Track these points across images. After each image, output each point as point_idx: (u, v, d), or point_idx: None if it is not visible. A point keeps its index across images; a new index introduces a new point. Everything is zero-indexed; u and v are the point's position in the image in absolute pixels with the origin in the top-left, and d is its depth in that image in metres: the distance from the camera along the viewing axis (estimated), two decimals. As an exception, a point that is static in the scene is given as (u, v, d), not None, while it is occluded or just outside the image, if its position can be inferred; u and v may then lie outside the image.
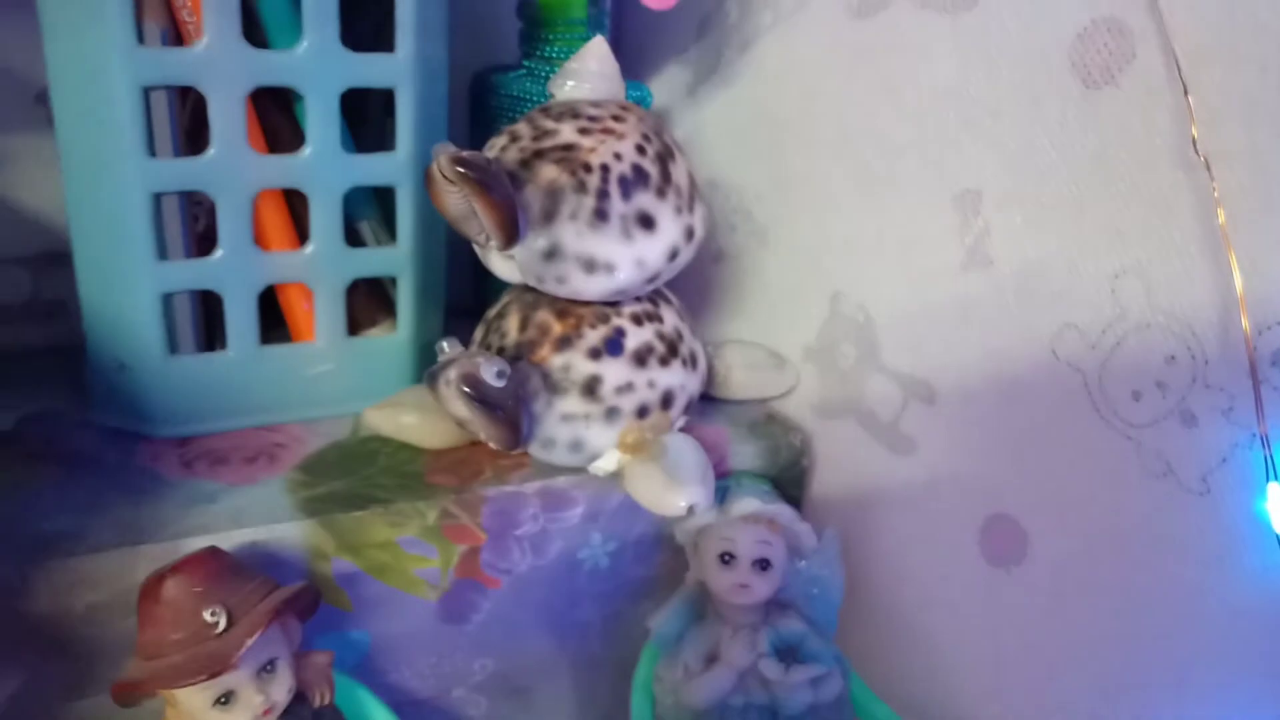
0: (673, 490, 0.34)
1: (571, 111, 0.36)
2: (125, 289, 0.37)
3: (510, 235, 0.33)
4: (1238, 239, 0.27)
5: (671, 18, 0.47)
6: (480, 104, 0.49)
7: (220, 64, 0.35)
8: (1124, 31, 0.29)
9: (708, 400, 0.43)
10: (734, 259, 0.48)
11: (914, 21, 0.36)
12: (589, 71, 0.37)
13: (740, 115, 0.46)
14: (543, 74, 0.46)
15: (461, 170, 0.31)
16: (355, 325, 0.41)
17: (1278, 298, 0.26)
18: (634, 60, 0.53)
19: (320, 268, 0.39)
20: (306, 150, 0.37)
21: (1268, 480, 0.26)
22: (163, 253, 0.37)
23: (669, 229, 0.35)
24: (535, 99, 0.45)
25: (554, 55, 0.45)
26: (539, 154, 0.34)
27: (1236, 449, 0.27)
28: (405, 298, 0.41)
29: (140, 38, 0.34)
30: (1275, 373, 0.26)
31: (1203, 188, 0.27)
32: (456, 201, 0.33)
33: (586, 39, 0.45)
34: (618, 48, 0.54)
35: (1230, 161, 0.27)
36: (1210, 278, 0.27)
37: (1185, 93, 0.27)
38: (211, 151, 0.36)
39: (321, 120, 0.37)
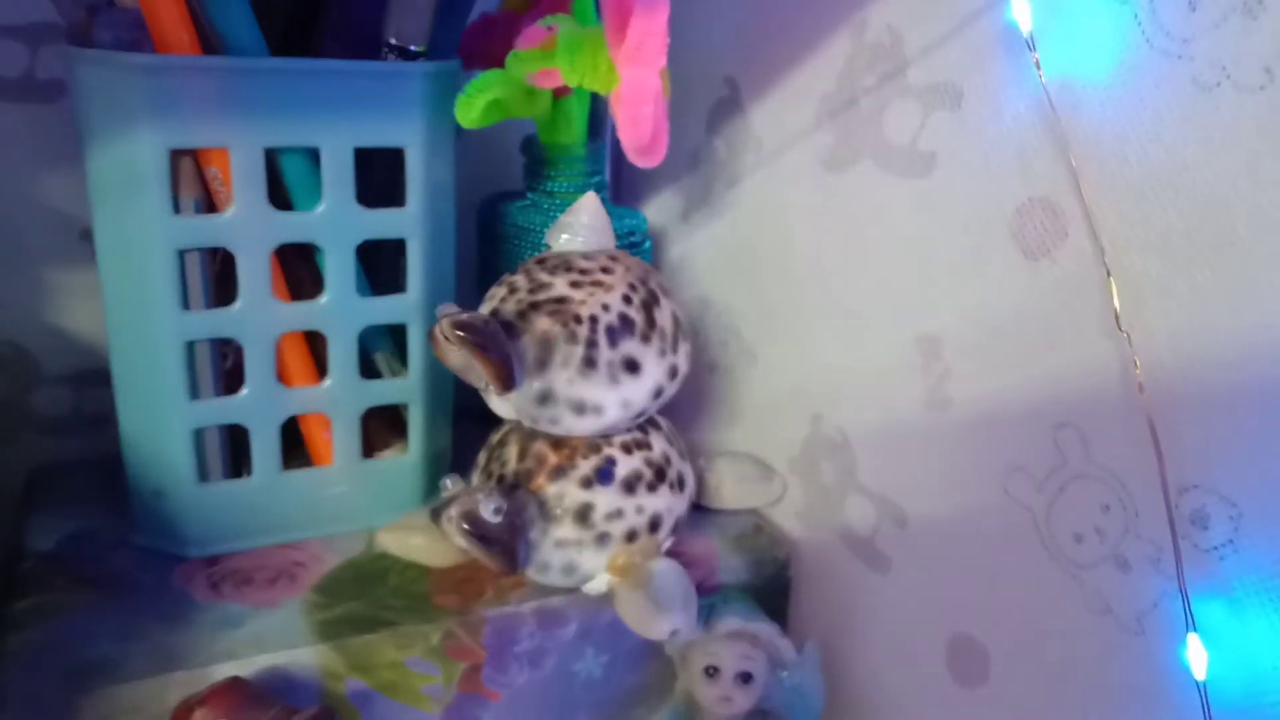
0: (657, 617, 0.37)
1: (565, 264, 0.39)
2: (161, 424, 0.40)
3: (506, 386, 0.36)
4: (1157, 409, 0.29)
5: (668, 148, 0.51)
6: (488, 229, 0.52)
7: (248, 227, 0.39)
8: (1056, 212, 0.32)
9: (700, 510, 0.46)
10: (726, 372, 0.51)
11: (877, 180, 0.39)
12: (581, 225, 0.40)
13: (727, 243, 0.50)
14: (545, 206, 0.49)
15: (461, 334, 0.35)
16: (369, 448, 0.45)
17: (1196, 463, 0.29)
18: (632, 186, 0.57)
19: (338, 399, 0.43)
20: (325, 298, 0.41)
21: (1187, 630, 0.28)
22: (195, 392, 0.40)
23: (653, 371, 0.39)
24: (538, 229, 0.49)
25: (556, 190, 0.49)
26: (534, 306, 0.38)
27: (1164, 597, 0.30)
28: (416, 422, 0.45)
29: (176, 208, 0.38)
30: (1195, 530, 0.29)
31: (1128, 358, 0.30)
32: (458, 357, 0.36)
33: (586, 175, 0.49)
34: (617, 175, 0.58)
35: (1151, 338, 0.30)
36: (1136, 439, 0.30)
37: (1108, 274, 0.30)
38: (239, 304, 0.39)
39: (339, 270, 0.41)
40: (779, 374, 0.47)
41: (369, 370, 0.44)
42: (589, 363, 0.37)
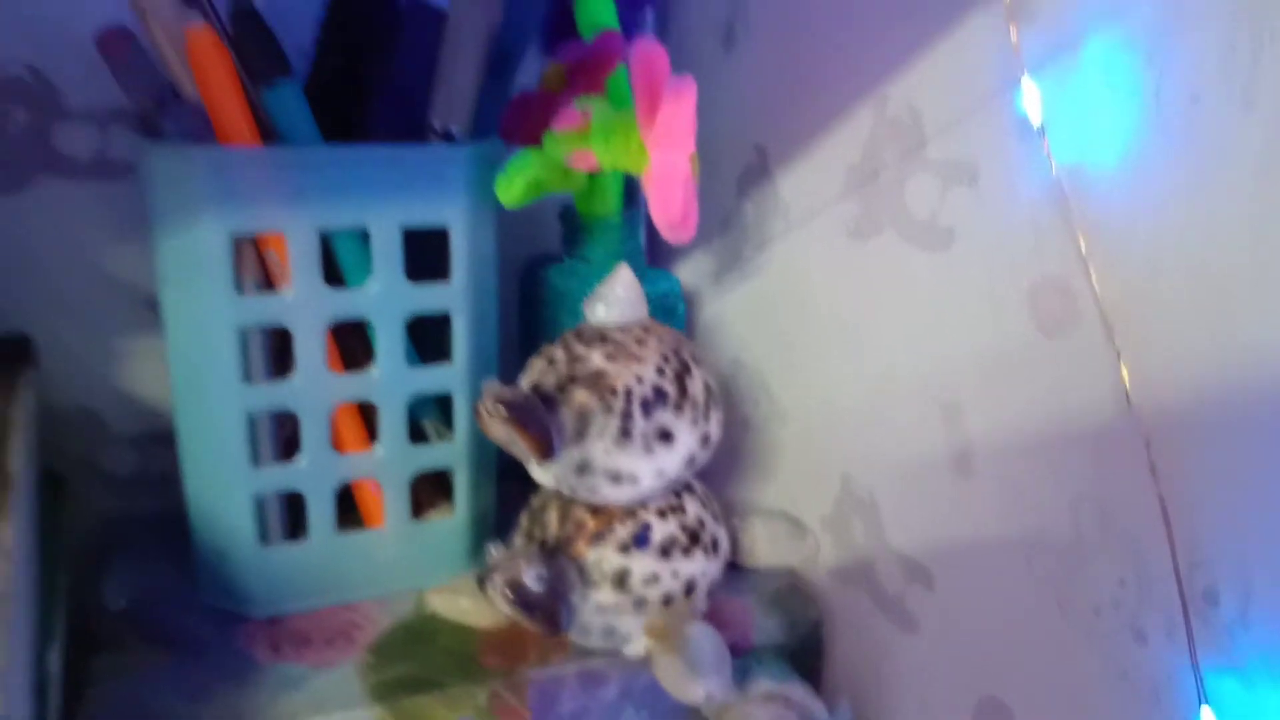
0: (692, 681, 0.38)
1: (600, 336, 0.41)
2: (224, 490, 0.43)
3: (546, 458, 0.38)
4: (1168, 486, 0.30)
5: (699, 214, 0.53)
6: (529, 293, 0.55)
7: (305, 306, 0.41)
8: (1069, 292, 0.33)
9: (735, 568, 0.48)
10: (758, 430, 0.53)
11: (899, 251, 0.41)
12: (616, 297, 0.42)
13: (757, 304, 0.52)
14: (583, 272, 0.51)
15: (504, 412, 0.37)
16: (418, 508, 0.47)
17: (1207, 540, 0.30)
18: (666, 249, 0.59)
19: (388, 465, 0.45)
20: (376, 369, 0.43)
21: (1199, 704, 0.29)
22: (255, 460, 0.43)
23: (686, 440, 0.40)
24: (577, 295, 0.50)
25: (593, 257, 0.51)
26: (572, 379, 0.40)
27: (1180, 670, 0.31)
28: (462, 485, 0.47)
29: (238, 289, 0.40)
30: (1206, 606, 0.30)
31: (1140, 436, 0.31)
32: (501, 431, 0.38)
33: (621, 242, 0.51)
34: (652, 238, 0.59)
35: (1162, 417, 0.31)
36: (1149, 515, 0.31)
37: (1118, 355, 0.31)
38: (296, 377, 0.42)
39: (389, 343, 0.43)
40: (809, 433, 0.49)
41: (417, 433, 0.46)
42: (624, 434, 0.39)
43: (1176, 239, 0.30)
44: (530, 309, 0.55)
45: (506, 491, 0.49)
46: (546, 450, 0.38)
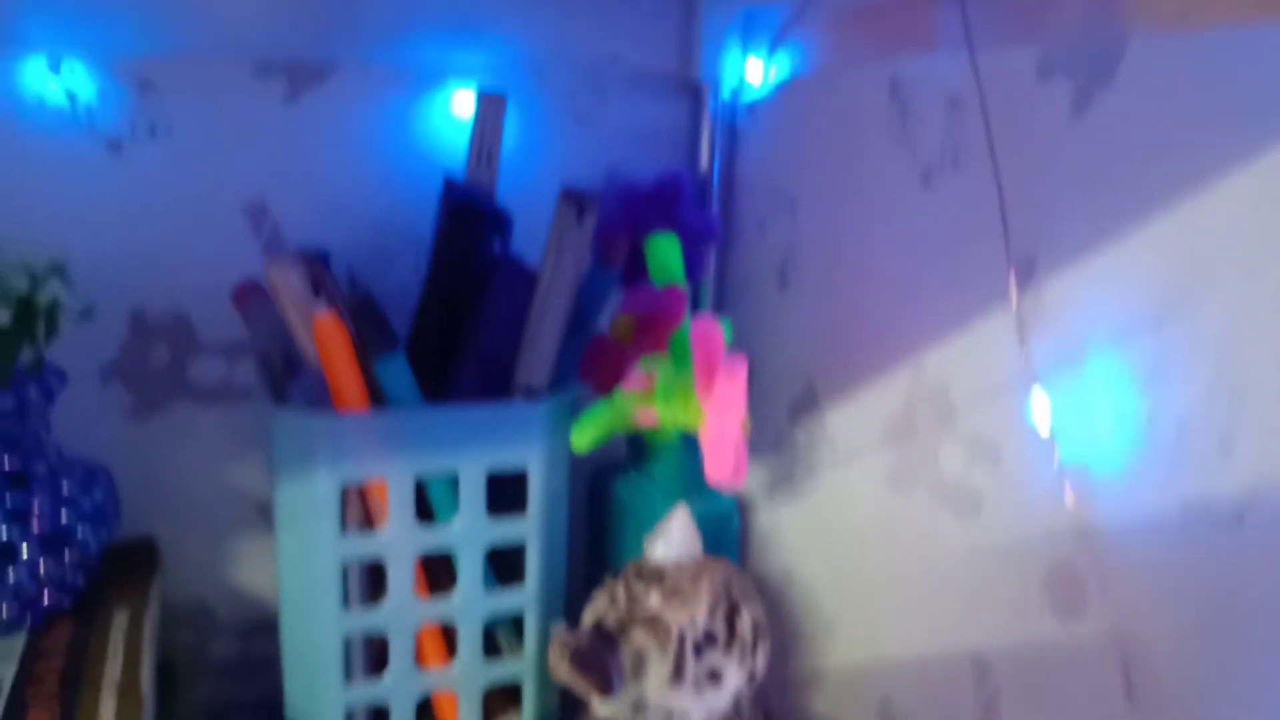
0: None
1: (658, 575, 0.46)
2: (320, 702, 0.48)
3: (606, 697, 0.42)
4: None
5: (753, 433, 0.57)
6: (598, 499, 0.60)
7: (399, 542, 0.47)
8: (1078, 582, 0.37)
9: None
10: (808, 639, 0.56)
11: (932, 508, 0.45)
12: (673, 538, 0.47)
13: (807, 522, 0.56)
14: (647, 488, 0.56)
15: (569, 662, 0.41)
16: (489, 714, 0.51)
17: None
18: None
19: (465, 678, 0.50)
20: (458, 594, 0.49)
21: None
22: (349, 675, 0.48)
23: (733, 678, 0.45)
24: (640, 511, 0.55)
25: (656, 474, 0.56)
26: (631, 619, 0.44)
27: None
28: (530, 694, 0.51)
29: (343, 528, 0.46)
30: None
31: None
32: (567, 674, 0.43)
33: (681, 462, 0.56)
34: (709, 452, 0.64)
35: (1163, 710, 0.34)
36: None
37: (1121, 650, 0.35)
38: (388, 602, 0.47)
39: (470, 570, 0.48)
40: (854, 652, 0.52)
41: (491, 645, 0.51)
42: (677, 675, 0.43)
43: (1175, 550, 0.34)
44: (598, 517, 0.60)
45: (569, 697, 0.54)
46: (606, 691, 0.42)
